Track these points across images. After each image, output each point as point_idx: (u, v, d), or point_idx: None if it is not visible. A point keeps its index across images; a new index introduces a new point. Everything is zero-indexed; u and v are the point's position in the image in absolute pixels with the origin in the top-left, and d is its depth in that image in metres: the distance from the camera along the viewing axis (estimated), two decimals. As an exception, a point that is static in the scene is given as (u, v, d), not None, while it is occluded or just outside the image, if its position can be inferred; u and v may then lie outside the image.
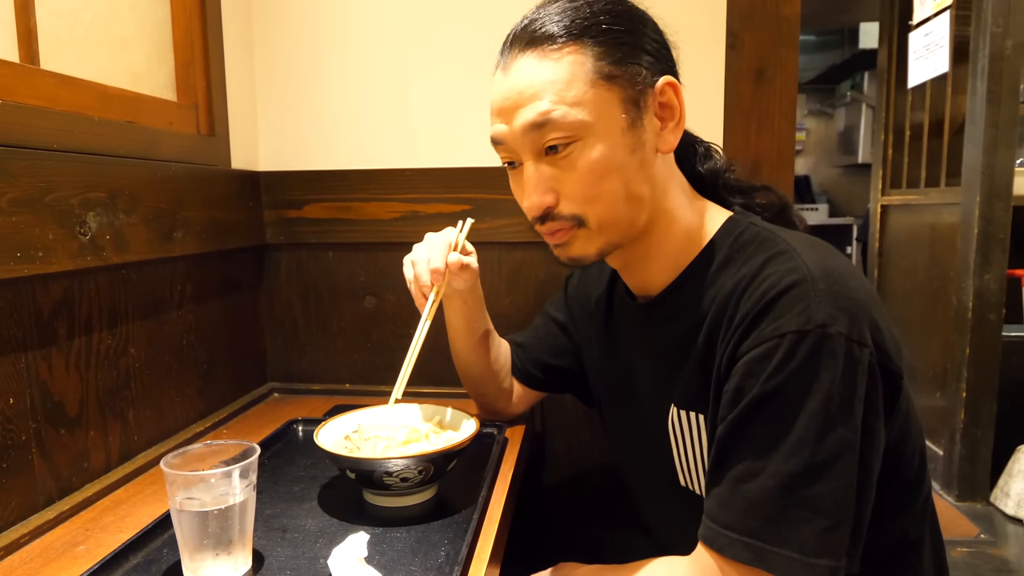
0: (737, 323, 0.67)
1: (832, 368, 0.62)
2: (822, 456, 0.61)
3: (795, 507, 0.61)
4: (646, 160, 0.73)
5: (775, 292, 0.65)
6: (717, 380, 0.70)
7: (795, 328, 0.63)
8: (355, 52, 1.33)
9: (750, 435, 0.64)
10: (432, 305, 0.92)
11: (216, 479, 0.67)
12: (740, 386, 0.65)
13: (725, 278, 0.72)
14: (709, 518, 0.66)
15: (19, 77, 0.84)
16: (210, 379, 1.19)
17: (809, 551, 0.60)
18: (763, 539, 0.61)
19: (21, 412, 0.80)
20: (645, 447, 0.86)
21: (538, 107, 0.70)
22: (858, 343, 0.63)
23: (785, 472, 0.61)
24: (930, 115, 2.84)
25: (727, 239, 0.76)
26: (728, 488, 0.64)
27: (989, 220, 2.35)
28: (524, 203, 0.75)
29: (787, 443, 0.62)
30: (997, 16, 2.27)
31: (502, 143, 0.75)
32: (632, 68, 0.71)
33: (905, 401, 0.70)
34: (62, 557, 0.75)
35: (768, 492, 0.62)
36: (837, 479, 0.61)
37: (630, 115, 0.71)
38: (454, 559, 0.72)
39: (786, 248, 0.69)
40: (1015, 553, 2.16)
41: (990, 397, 2.43)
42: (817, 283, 0.64)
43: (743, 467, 0.64)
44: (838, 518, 0.61)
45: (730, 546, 0.63)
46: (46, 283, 0.84)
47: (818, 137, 5.27)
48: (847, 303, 0.64)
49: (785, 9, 1.23)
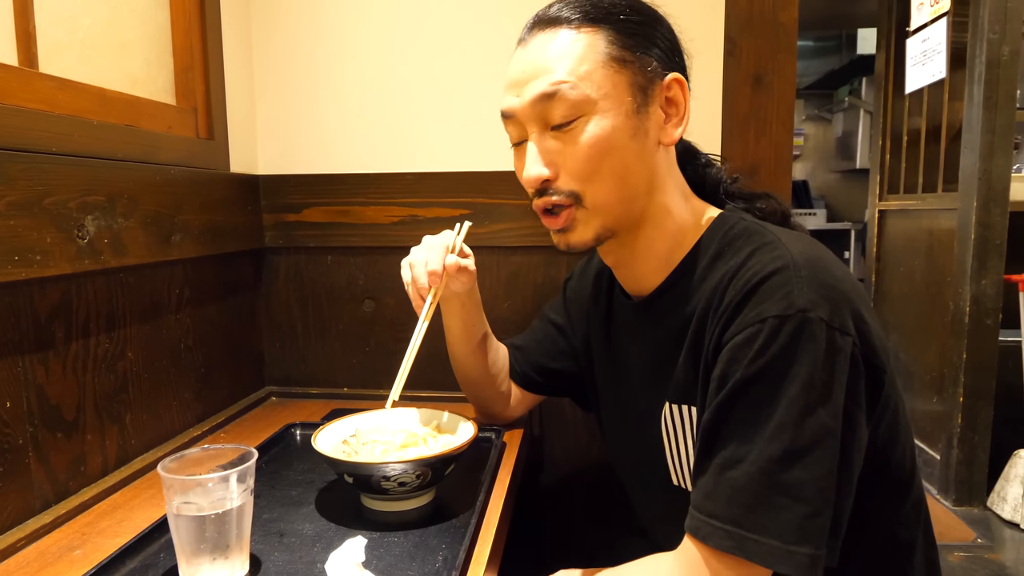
0: (722, 311, 0.68)
1: (813, 352, 0.62)
2: (802, 441, 0.61)
3: (776, 494, 0.61)
4: (647, 148, 0.75)
5: (758, 279, 0.66)
6: (705, 369, 0.71)
7: (776, 312, 0.63)
8: (354, 56, 1.34)
9: (733, 420, 0.65)
10: (430, 308, 0.93)
11: (213, 483, 0.66)
12: (724, 372, 0.66)
13: (715, 272, 0.74)
14: (695, 508, 0.66)
15: (18, 80, 0.84)
16: (208, 383, 1.19)
17: (789, 539, 0.60)
18: (743, 526, 0.61)
19: (18, 416, 0.80)
20: (640, 448, 0.87)
21: (549, 79, 0.72)
22: (840, 331, 0.63)
23: (766, 457, 0.62)
24: (927, 121, 2.85)
25: (717, 235, 0.77)
26: (712, 477, 0.65)
27: (986, 225, 2.36)
28: (524, 174, 0.77)
29: (768, 427, 0.62)
30: (994, 23, 2.28)
31: (511, 116, 0.77)
32: (643, 56, 0.74)
33: (892, 400, 0.70)
34: (59, 561, 0.75)
35: (750, 479, 0.62)
36: (817, 465, 0.61)
37: (636, 100, 0.73)
38: (452, 563, 0.72)
39: (772, 239, 0.71)
40: (1012, 557, 2.16)
41: (987, 402, 2.43)
42: (800, 270, 0.65)
43: (727, 454, 0.64)
44: (818, 506, 0.61)
45: (713, 535, 0.63)
46: (44, 287, 0.84)
47: (816, 142, 5.28)
48: (830, 291, 0.65)
49: (783, 15, 1.24)
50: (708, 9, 1.25)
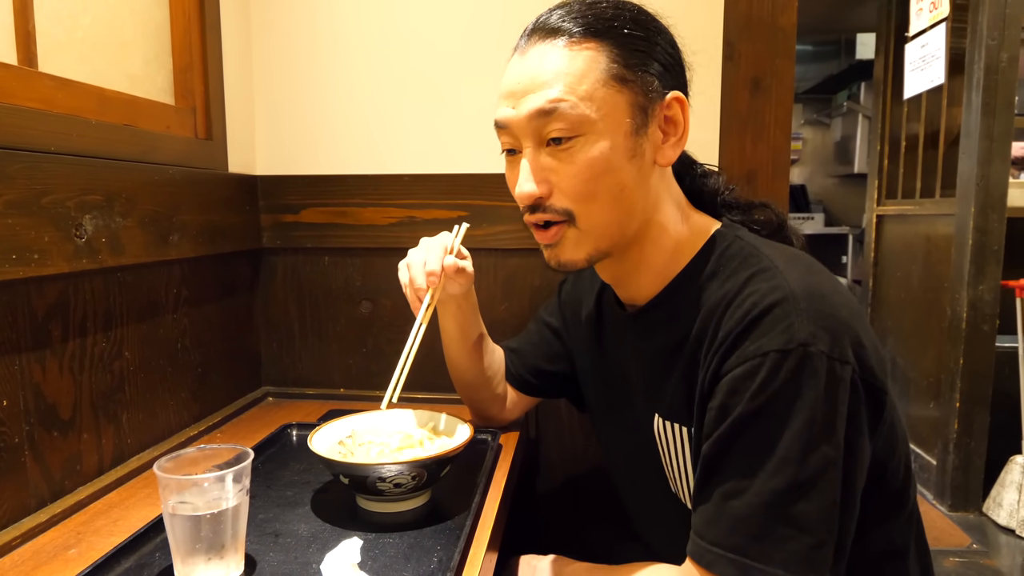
0: (720, 340, 0.68)
1: (814, 387, 0.63)
2: (806, 474, 0.62)
3: (780, 524, 0.62)
4: (643, 169, 0.74)
5: (758, 311, 0.66)
6: (701, 396, 0.71)
7: (777, 347, 0.63)
8: (353, 57, 1.34)
9: (735, 453, 0.65)
10: (427, 308, 0.92)
11: (209, 483, 0.67)
12: (725, 404, 0.66)
13: (710, 291, 0.73)
14: (696, 534, 0.66)
15: (17, 79, 0.84)
16: (204, 383, 1.19)
17: (794, 569, 0.61)
18: (749, 556, 0.62)
19: (14, 414, 0.80)
20: (635, 452, 0.87)
21: (548, 94, 0.70)
22: (840, 360, 0.64)
23: (770, 489, 0.62)
24: (926, 126, 2.86)
25: (713, 252, 0.77)
26: (715, 505, 0.65)
27: (983, 231, 2.37)
28: (516, 190, 0.75)
29: (772, 461, 0.62)
30: (992, 29, 2.29)
31: (506, 127, 0.75)
32: (645, 76, 0.72)
33: (890, 413, 0.71)
34: (54, 560, 0.75)
35: (753, 509, 0.62)
36: (821, 497, 0.62)
37: (636, 121, 0.72)
38: (447, 565, 0.72)
39: (769, 265, 0.70)
40: (1007, 563, 2.16)
41: (983, 407, 2.44)
42: (799, 302, 0.65)
43: (729, 485, 0.64)
44: (822, 536, 0.62)
45: (716, 563, 0.63)
46: (41, 285, 0.84)
47: (814, 147, 5.29)
48: (829, 321, 0.65)
49: (782, 20, 1.24)
50: (707, 13, 1.25)
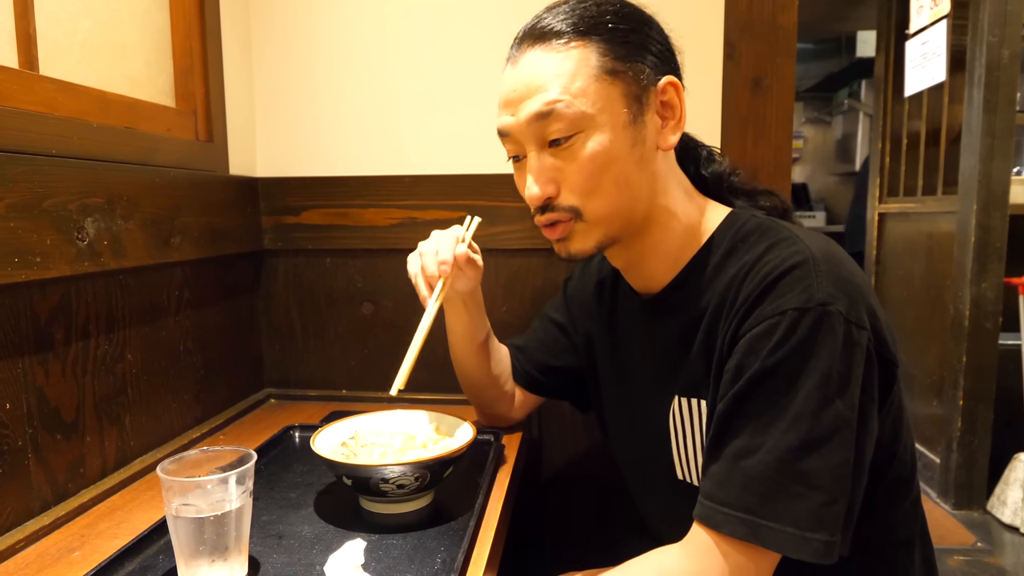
0: (739, 305, 0.69)
1: (832, 345, 0.63)
2: (819, 431, 0.62)
3: (792, 482, 0.62)
4: (646, 156, 0.75)
5: (777, 272, 0.67)
6: (719, 361, 0.71)
7: (796, 305, 0.64)
8: (354, 58, 1.34)
9: (749, 411, 0.65)
10: (436, 300, 0.91)
11: (212, 485, 0.66)
12: (741, 363, 0.66)
13: (728, 268, 0.74)
14: (705, 497, 0.66)
15: (18, 83, 0.84)
16: (207, 385, 1.19)
17: (804, 526, 0.61)
18: (759, 515, 0.62)
19: (17, 417, 0.80)
20: (645, 442, 0.87)
21: (543, 97, 0.72)
22: (856, 325, 0.65)
23: (783, 446, 0.62)
24: (927, 124, 2.86)
25: (729, 231, 0.77)
26: (726, 465, 0.65)
27: (986, 228, 2.37)
28: (526, 193, 0.77)
29: (785, 418, 0.63)
30: (993, 26, 2.29)
31: (508, 135, 0.77)
32: (636, 65, 0.73)
33: (897, 396, 0.72)
34: (58, 563, 0.75)
35: (766, 467, 0.62)
36: (834, 454, 0.62)
37: (632, 110, 0.73)
38: (450, 566, 0.72)
39: (789, 235, 0.71)
40: (1011, 561, 2.16)
41: (987, 405, 2.43)
42: (819, 264, 0.66)
43: (741, 443, 0.65)
44: (834, 494, 0.62)
45: (726, 522, 0.63)
46: (43, 289, 0.84)
47: (815, 145, 5.29)
48: (847, 285, 0.66)
49: (782, 18, 1.24)
50: (707, 12, 1.25)
